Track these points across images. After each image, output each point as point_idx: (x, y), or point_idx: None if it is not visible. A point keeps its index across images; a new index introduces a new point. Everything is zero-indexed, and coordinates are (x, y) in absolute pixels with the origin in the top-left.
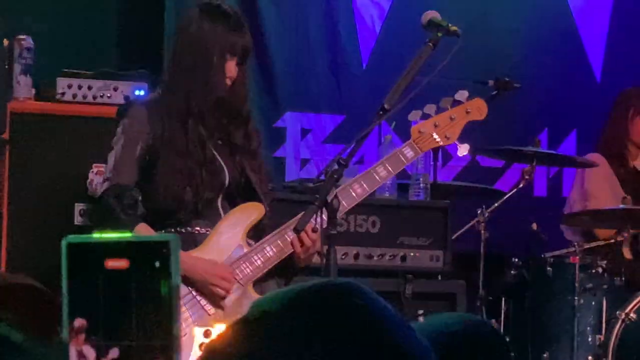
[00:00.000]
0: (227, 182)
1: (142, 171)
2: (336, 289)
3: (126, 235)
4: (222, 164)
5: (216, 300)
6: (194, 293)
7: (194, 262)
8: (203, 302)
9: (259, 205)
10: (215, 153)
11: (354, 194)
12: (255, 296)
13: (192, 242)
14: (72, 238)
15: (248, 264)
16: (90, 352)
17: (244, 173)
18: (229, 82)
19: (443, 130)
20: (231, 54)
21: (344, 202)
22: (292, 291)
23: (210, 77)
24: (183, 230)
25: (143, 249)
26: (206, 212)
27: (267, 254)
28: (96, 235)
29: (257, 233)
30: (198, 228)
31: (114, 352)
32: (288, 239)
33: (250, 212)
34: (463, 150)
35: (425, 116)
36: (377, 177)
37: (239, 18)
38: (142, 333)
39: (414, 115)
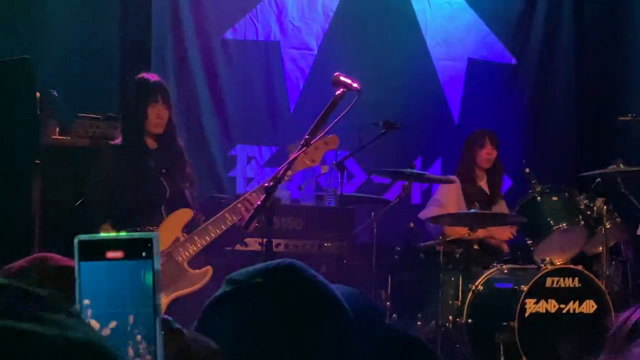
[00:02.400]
0: (167, 196)
1: (113, 190)
2: (287, 265)
3: (122, 234)
4: (165, 184)
5: None
6: None
7: None
8: None
9: (188, 210)
10: (162, 177)
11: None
12: (190, 271)
13: None
14: (82, 236)
15: (184, 249)
16: (95, 324)
17: (180, 190)
18: (159, 121)
19: (310, 156)
20: (154, 101)
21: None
22: (256, 268)
23: (139, 118)
24: (139, 229)
25: (133, 243)
26: (154, 216)
27: (210, 235)
28: (100, 234)
29: (193, 227)
30: (149, 227)
31: (113, 324)
32: (225, 221)
33: (183, 215)
34: (323, 169)
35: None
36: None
37: (158, 80)
38: (134, 304)
39: (292, 148)
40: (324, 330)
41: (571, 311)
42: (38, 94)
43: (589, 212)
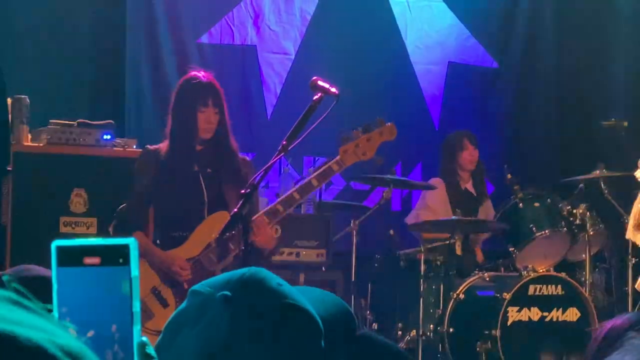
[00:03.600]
0: (206, 198)
1: (153, 196)
2: (253, 275)
3: (98, 239)
4: (204, 186)
5: (181, 281)
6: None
7: (162, 258)
8: (179, 283)
9: (224, 213)
10: (202, 179)
11: (295, 197)
12: None
13: (183, 241)
14: (59, 242)
15: (213, 254)
16: (73, 332)
17: (221, 191)
18: (208, 127)
19: (362, 149)
20: (203, 106)
21: (285, 207)
22: (221, 279)
23: (190, 125)
24: (177, 234)
25: (110, 249)
26: (194, 221)
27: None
28: (76, 239)
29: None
30: (187, 232)
31: (90, 333)
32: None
33: (218, 218)
34: (379, 161)
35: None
36: (313, 185)
37: (209, 81)
38: (112, 312)
39: (345, 138)
40: (296, 346)
41: (554, 319)
42: (9, 100)
43: (571, 219)
